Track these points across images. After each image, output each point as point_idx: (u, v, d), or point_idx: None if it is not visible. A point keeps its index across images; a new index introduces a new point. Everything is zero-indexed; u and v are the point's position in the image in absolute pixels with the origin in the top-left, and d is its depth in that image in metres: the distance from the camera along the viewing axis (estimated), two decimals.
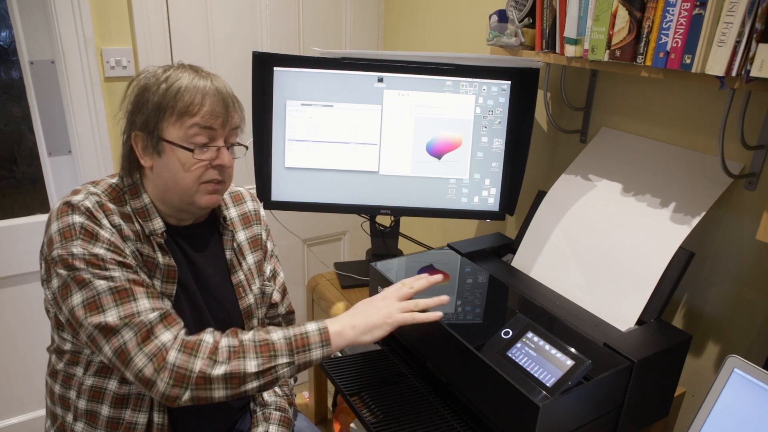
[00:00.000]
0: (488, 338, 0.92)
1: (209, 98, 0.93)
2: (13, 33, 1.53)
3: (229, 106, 0.96)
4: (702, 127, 1.10)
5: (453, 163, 1.38)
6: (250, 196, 1.19)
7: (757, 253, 1.04)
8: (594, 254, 1.11)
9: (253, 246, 1.14)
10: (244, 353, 0.88)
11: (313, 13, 1.87)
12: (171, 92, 0.93)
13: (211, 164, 0.96)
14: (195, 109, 0.92)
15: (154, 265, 0.96)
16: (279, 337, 0.90)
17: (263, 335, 0.90)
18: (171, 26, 1.64)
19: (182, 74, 0.95)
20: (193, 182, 0.95)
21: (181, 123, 0.93)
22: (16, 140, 1.70)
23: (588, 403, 0.86)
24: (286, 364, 0.89)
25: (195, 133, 0.93)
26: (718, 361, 1.13)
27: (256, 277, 1.13)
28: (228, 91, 0.97)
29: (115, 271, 0.89)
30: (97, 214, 0.92)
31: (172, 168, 0.95)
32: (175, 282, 0.98)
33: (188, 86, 0.93)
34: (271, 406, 1.12)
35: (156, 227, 0.98)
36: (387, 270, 1.16)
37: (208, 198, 0.98)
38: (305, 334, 0.90)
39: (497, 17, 1.26)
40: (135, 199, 0.98)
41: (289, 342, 0.90)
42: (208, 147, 0.95)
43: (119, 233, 0.93)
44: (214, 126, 0.94)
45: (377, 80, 1.32)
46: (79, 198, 0.92)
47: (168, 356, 0.86)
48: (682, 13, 0.88)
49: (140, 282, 0.91)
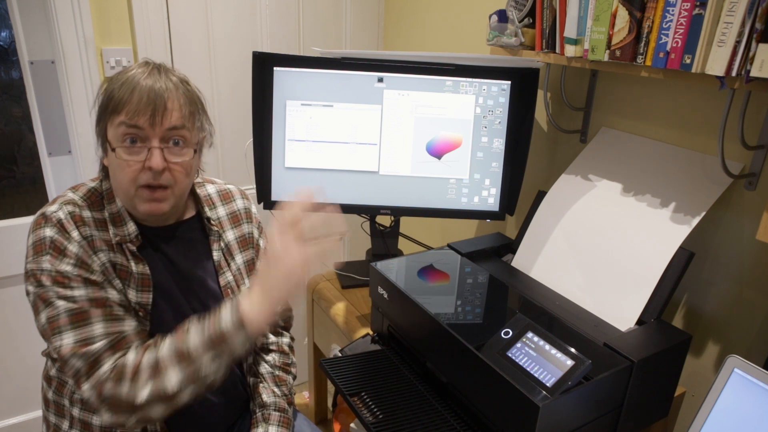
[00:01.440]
0: (488, 338, 0.92)
1: (136, 95, 0.88)
2: (13, 33, 1.53)
3: (157, 104, 0.89)
4: (702, 127, 1.10)
5: (453, 163, 1.38)
6: (240, 193, 1.17)
7: (757, 253, 1.04)
8: (594, 254, 1.11)
9: (243, 245, 1.12)
10: (164, 369, 0.86)
11: (313, 13, 1.87)
12: (110, 88, 0.90)
13: (144, 167, 0.91)
14: (121, 106, 0.89)
15: (128, 273, 0.94)
16: (195, 339, 0.86)
17: (179, 344, 0.87)
18: (171, 26, 1.64)
19: (134, 71, 0.91)
20: (128, 185, 0.92)
21: (111, 121, 0.90)
22: (16, 140, 1.70)
23: (588, 403, 0.86)
24: (209, 363, 0.86)
25: (123, 132, 0.89)
26: (718, 361, 1.13)
27: (246, 276, 1.11)
28: (167, 88, 0.91)
29: (78, 290, 0.88)
30: (68, 226, 0.90)
31: (113, 168, 0.93)
32: (150, 290, 0.96)
33: (124, 83, 0.89)
34: (270, 407, 1.11)
35: (129, 231, 0.95)
36: (387, 270, 1.16)
37: (147, 206, 0.93)
38: (220, 328, 0.85)
39: (497, 17, 1.26)
40: (111, 203, 0.97)
41: (206, 340, 0.86)
42: (137, 147, 0.90)
43: (90, 245, 0.91)
44: (139, 124, 0.89)
45: (377, 80, 1.32)
46: (52, 209, 0.91)
47: (104, 388, 0.86)
48: (682, 13, 0.88)
49: (102, 301, 0.89)
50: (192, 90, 0.98)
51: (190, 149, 0.96)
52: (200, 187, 1.12)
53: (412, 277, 1.14)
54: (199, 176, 1.14)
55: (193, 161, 0.98)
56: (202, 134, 1.00)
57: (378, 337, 1.23)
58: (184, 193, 1.00)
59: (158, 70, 0.93)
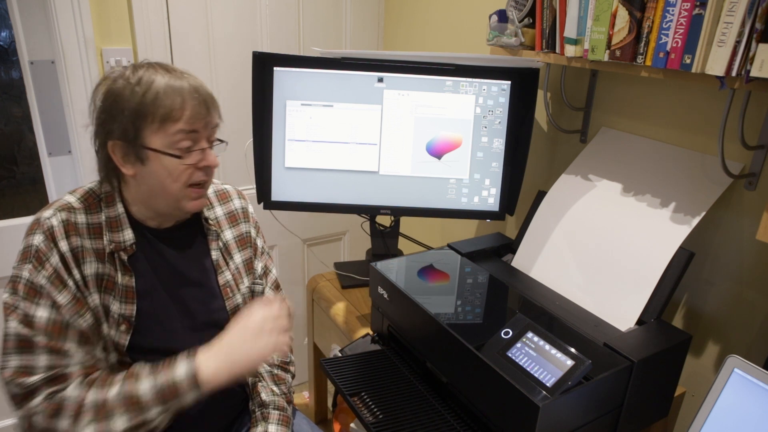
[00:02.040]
0: (488, 338, 0.92)
1: (189, 101, 0.90)
2: (13, 33, 1.53)
3: (209, 106, 0.93)
4: (702, 127, 1.10)
5: (453, 163, 1.38)
6: (237, 193, 1.17)
7: (757, 253, 1.04)
8: (594, 254, 1.11)
9: (241, 244, 1.13)
10: (111, 411, 0.86)
11: (313, 13, 1.87)
12: (149, 98, 0.88)
13: (197, 166, 0.94)
14: (177, 114, 0.89)
15: (113, 284, 0.95)
16: (146, 389, 0.87)
17: (129, 388, 0.87)
18: (171, 26, 1.64)
19: (155, 76, 0.90)
20: (180, 188, 0.94)
21: (164, 130, 0.90)
22: (16, 140, 1.70)
23: (588, 403, 0.86)
24: (157, 414, 0.87)
25: (180, 138, 0.91)
26: (718, 361, 1.13)
27: (245, 276, 1.12)
28: (206, 90, 0.94)
29: (41, 310, 0.88)
30: (57, 235, 0.90)
31: (158, 175, 0.92)
32: (134, 302, 0.96)
33: (166, 90, 0.89)
34: (269, 406, 1.11)
35: (126, 239, 0.96)
36: (387, 270, 1.16)
37: (194, 204, 0.97)
38: (174, 383, 0.87)
39: (497, 17, 1.26)
40: (109, 207, 0.97)
41: (158, 393, 0.87)
42: (192, 150, 0.93)
43: (75, 257, 0.91)
44: (197, 129, 0.92)
45: (377, 80, 1.32)
46: (46, 215, 0.92)
47: (33, 420, 0.86)
48: (682, 13, 0.88)
49: (57, 330, 0.89)
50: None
51: (222, 144, 1.01)
52: None
53: (412, 277, 1.14)
54: None
55: None
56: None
57: (378, 337, 1.23)
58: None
59: (180, 72, 0.94)
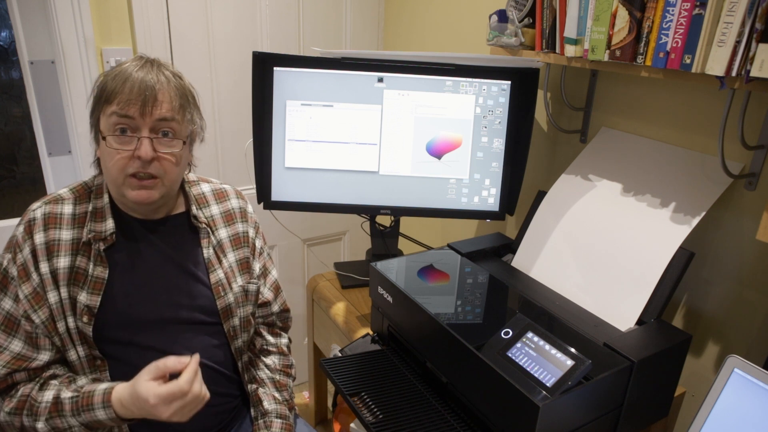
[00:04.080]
0: (488, 338, 0.92)
1: (128, 85, 0.91)
2: (13, 33, 1.53)
3: (147, 94, 0.92)
4: (702, 127, 1.10)
5: (453, 163, 1.38)
6: (235, 193, 1.17)
7: (757, 253, 1.04)
8: (594, 254, 1.11)
9: (236, 244, 1.12)
10: (37, 414, 0.92)
11: (313, 13, 1.87)
12: (104, 81, 0.94)
13: (133, 155, 0.93)
14: (113, 96, 0.92)
15: (83, 276, 0.97)
16: (68, 397, 0.92)
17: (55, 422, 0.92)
18: (171, 26, 1.64)
19: (128, 64, 0.94)
20: (117, 173, 0.94)
21: (104, 111, 0.93)
22: (16, 140, 1.70)
23: (588, 403, 0.86)
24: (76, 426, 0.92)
25: (114, 121, 0.92)
26: (718, 361, 1.13)
27: (239, 275, 1.11)
28: (158, 81, 0.93)
29: (6, 302, 0.95)
30: (35, 228, 0.96)
31: (104, 158, 0.96)
32: (100, 293, 0.97)
33: (117, 75, 0.92)
34: (272, 414, 1.10)
35: (106, 228, 0.98)
36: (387, 270, 1.16)
37: (135, 193, 0.95)
38: (90, 393, 0.91)
39: (497, 17, 1.26)
40: (98, 198, 1.00)
41: (75, 401, 0.91)
42: (127, 136, 0.93)
43: (48, 250, 0.95)
44: (130, 114, 0.92)
45: (377, 80, 1.32)
46: (33, 207, 0.98)
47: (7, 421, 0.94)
48: (682, 13, 0.88)
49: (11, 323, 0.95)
50: (184, 84, 1.00)
51: (179, 141, 0.98)
52: (194, 185, 1.13)
53: (412, 277, 1.14)
54: (194, 173, 1.14)
55: (183, 153, 1.00)
56: (192, 127, 1.02)
57: (378, 337, 1.23)
58: (174, 185, 1.01)
59: (151, 63, 0.96)
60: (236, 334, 1.09)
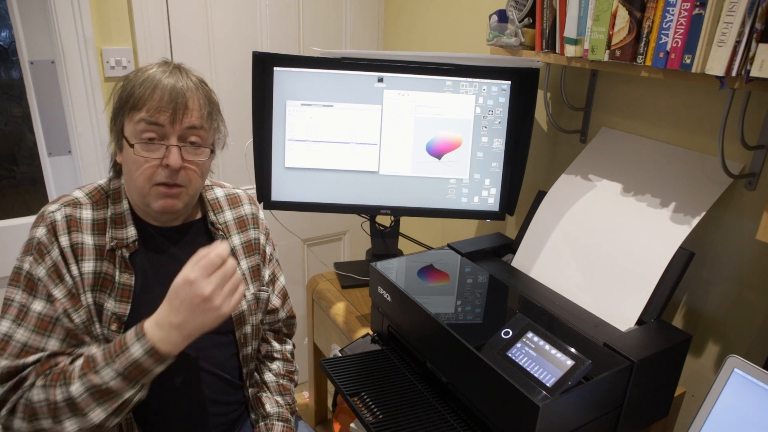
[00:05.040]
0: (488, 338, 0.92)
1: (158, 92, 0.89)
2: (13, 33, 1.53)
3: (179, 102, 0.90)
4: (702, 127, 1.10)
5: (453, 163, 1.38)
6: (248, 198, 1.16)
7: (757, 253, 1.04)
8: (594, 254, 1.11)
9: (248, 251, 1.11)
10: (84, 407, 0.84)
11: (313, 13, 1.87)
12: (129, 86, 0.91)
13: (160, 164, 0.91)
14: (141, 103, 0.89)
15: (111, 283, 0.94)
16: (111, 377, 0.84)
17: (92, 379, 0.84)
18: (171, 26, 1.64)
19: (154, 70, 0.92)
20: (144, 182, 0.92)
21: (131, 118, 0.90)
22: (16, 140, 1.70)
23: (588, 403, 0.86)
24: (134, 393, 0.85)
25: (142, 128, 0.90)
26: (718, 361, 1.13)
27: (250, 282, 1.11)
28: (188, 88, 0.92)
29: (36, 304, 0.89)
30: (59, 230, 0.91)
31: (128, 165, 0.93)
32: (129, 301, 0.95)
33: (145, 81, 0.90)
34: (273, 417, 1.10)
35: (128, 235, 0.95)
36: (387, 270, 1.16)
37: (161, 202, 0.93)
38: (137, 364, 0.84)
39: (497, 17, 1.26)
40: (116, 203, 0.97)
41: (125, 377, 0.84)
42: (155, 144, 0.90)
43: (74, 253, 0.91)
44: (160, 122, 0.90)
45: (377, 80, 1.32)
46: (51, 209, 0.93)
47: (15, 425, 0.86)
48: (682, 13, 0.88)
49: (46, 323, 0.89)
50: (210, 91, 0.98)
51: (206, 149, 0.96)
52: (208, 190, 1.11)
53: (412, 277, 1.14)
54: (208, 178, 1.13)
55: (208, 162, 0.99)
56: (217, 135, 1.01)
57: (378, 337, 1.23)
58: (196, 194, 1.00)
59: (179, 70, 0.94)
60: (246, 342, 1.08)
